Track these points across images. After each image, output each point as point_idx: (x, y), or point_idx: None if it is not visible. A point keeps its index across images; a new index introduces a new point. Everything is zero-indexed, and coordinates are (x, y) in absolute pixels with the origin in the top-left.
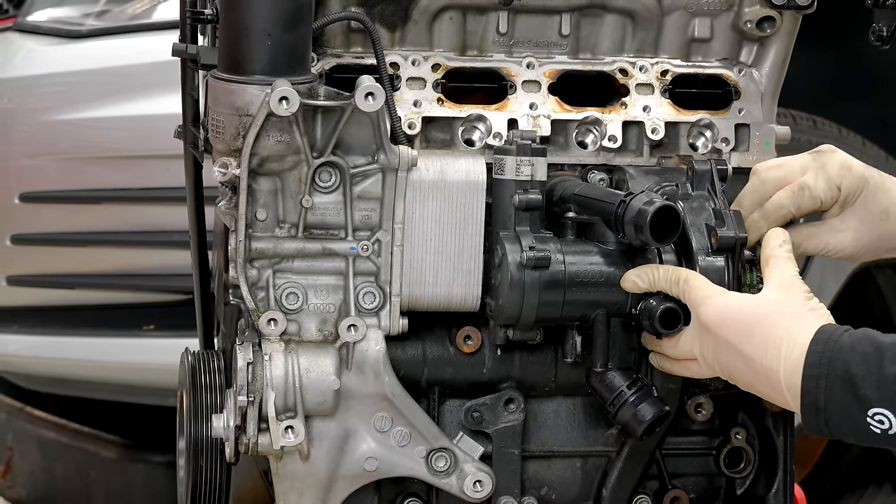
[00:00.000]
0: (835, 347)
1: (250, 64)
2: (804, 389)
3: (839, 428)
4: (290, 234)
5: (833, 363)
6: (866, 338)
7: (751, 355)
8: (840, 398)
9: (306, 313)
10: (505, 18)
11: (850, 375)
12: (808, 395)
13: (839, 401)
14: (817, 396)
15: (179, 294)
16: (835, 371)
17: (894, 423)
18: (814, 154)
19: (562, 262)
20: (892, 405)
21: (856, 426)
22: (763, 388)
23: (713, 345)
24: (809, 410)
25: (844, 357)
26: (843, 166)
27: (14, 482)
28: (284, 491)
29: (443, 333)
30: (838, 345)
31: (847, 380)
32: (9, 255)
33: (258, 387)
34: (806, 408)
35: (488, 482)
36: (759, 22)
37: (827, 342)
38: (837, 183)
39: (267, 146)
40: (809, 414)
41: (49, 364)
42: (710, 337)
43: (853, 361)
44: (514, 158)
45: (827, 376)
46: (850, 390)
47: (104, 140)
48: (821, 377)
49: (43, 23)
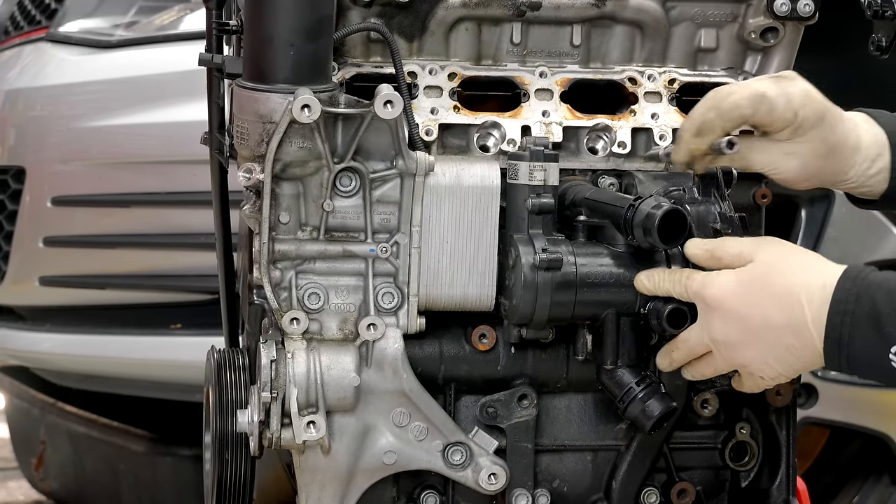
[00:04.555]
0: (863, 284)
1: (274, 73)
2: (830, 325)
3: (860, 363)
4: (311, 236)
5: (860, 299)
6: (894, 277)
7: (767, 311)
8: (864, 334)
9: (327, 313)
10: (518, 29)
11: (877, 313)
12: (834, 330)
13: (863, 336)
14: (842, 332)
15: (205, 294)
16: (861, 307)
17: None
18: (773, 77)
19: (573, 263)
20: None
21: (877, 362)
22: (786, 340)
23: (724, 322)
24: (833, 346)
25: (872, 294)
26: (804, 93)
27: (46, 475)
28: (306, 483)
29: (459, 332)
30: (866, 282)
31: (873, 316)
32: (41, 257)
33: (281, 383)
34: (830, 343)
35: (502, 475)
36: (763, 32)
37: (855, 279)
38: (795, 108)
39: (290, 152)
40: (833, 349)
41: (80, 361)
42: (718, 315)
43: (880, 299)
44: (528, 164)
45: (853, 312)
46: (874, 327)
47: (133, 146)
48: (847, 313)
49: (74, 33)
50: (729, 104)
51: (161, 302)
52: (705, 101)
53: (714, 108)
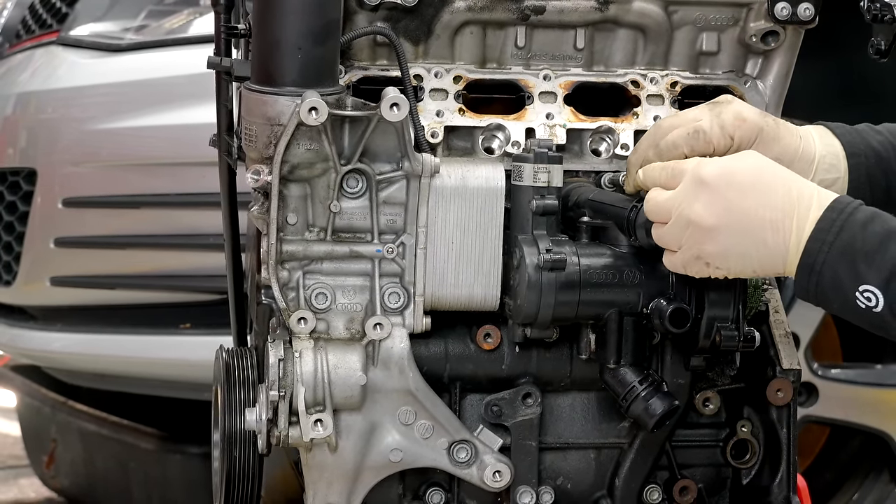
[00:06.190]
0: (847, 219)
1: (281, 76)
2: (807, 249)
3: (827, 294)
4: (319, 237)
5: (842, 233)
6: (879, 218)
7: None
8: (837, 267)
9: (334, 312)
10: (523, 33)
11: (854, 250)
12: (809, 255)
13: (835, 269)
14: (816, 259)
15: (214, 294)
16: (841, 240)
17: (880, 303)
18: (711, 104)
19: (577, 264)
20: (883, 286)
21: (844, 297)
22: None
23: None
24: (805, 269)
25: (854, 231)
26: (737, 116)
27: (57, 472)
28: (314, 481)
29: (464, 331)
30: (851, 217)
31: (849, 252)
32: (53, 257)
33: (289, 382)
34: (802, 266)
35: (507, 472)
36: (764, 36)
37: (842, 212)
38: (731, 133)
39: (297, 154)
40: (804, 273)
41: (90, 360)
42: (707, 193)
43: (860, 237)
44: (532, 166)
45: (832, 243)
46: (848, 262)
47: (143, 148)
48: (826, 242)
49: (85, 37)
50: (666, 144)
51: (170, 302)
52: (645, 138)
53: (652, 147)
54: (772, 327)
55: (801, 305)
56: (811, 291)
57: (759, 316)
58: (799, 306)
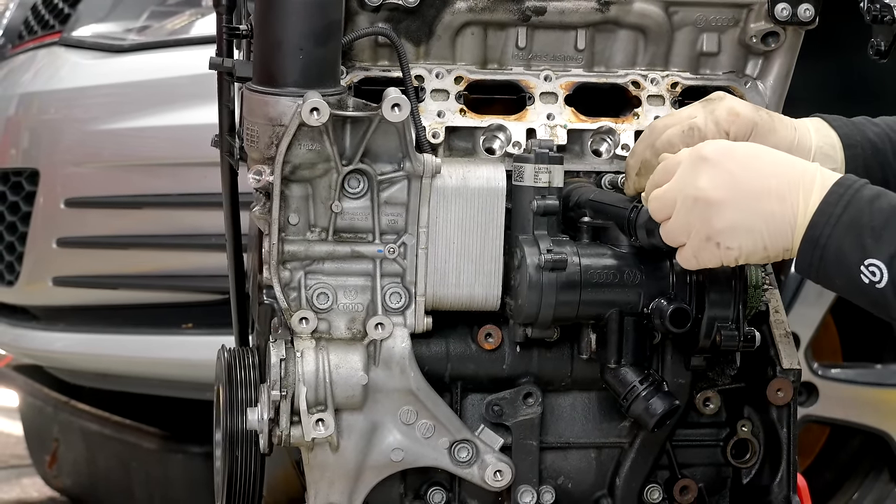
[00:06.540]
0: (854, 195)
1: (283, 77)
2: (812, 222)
3: (830, 269)
4: (320, 237)
5: (848, 208)
6: (886, 196)
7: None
8: (842, 240)
9: (336, 312)
10: (524, 34)
11: (861, 224)
12: (814, 228)
13: (840, 243)
14: (822, 232)
15: (216, 294)
16: (848, 214)
17: (884, 278)
18: (704, 101)
19: (577, 264)
20: (889, 262)
21: (847, 271)
22: (770, 205)
23: (713, 176)
24: (809, 243)
25: (860, 206)
26: (731, 112)
27: (59, 472)
28: (315, 480)
29: (465, 331)
30: (859, 194)
31: (856, 226)
32: (55, 257)
33: (290, 382)
34: (807, 239)
35: (508, 472)
36: (764, 37)
37: (849, 188)
38: (726, 128)
39: (299, 154)
40: (808, 246)
41: (93, 360)
42: (709, 167)
43: (866, 212)
44: (533, 166)
45: (839, 217)
46: (854, 236)
47: (145, 148)
48: (832, 216)
49: (87, 38)
50: (662, 143)
51: (172, 302)
52: (641, 139)
53: (649, 148)
54: (772, 327)
55: (802, 305)
56: (813, 265)
57: (759, 316)
58: (799, 306)
